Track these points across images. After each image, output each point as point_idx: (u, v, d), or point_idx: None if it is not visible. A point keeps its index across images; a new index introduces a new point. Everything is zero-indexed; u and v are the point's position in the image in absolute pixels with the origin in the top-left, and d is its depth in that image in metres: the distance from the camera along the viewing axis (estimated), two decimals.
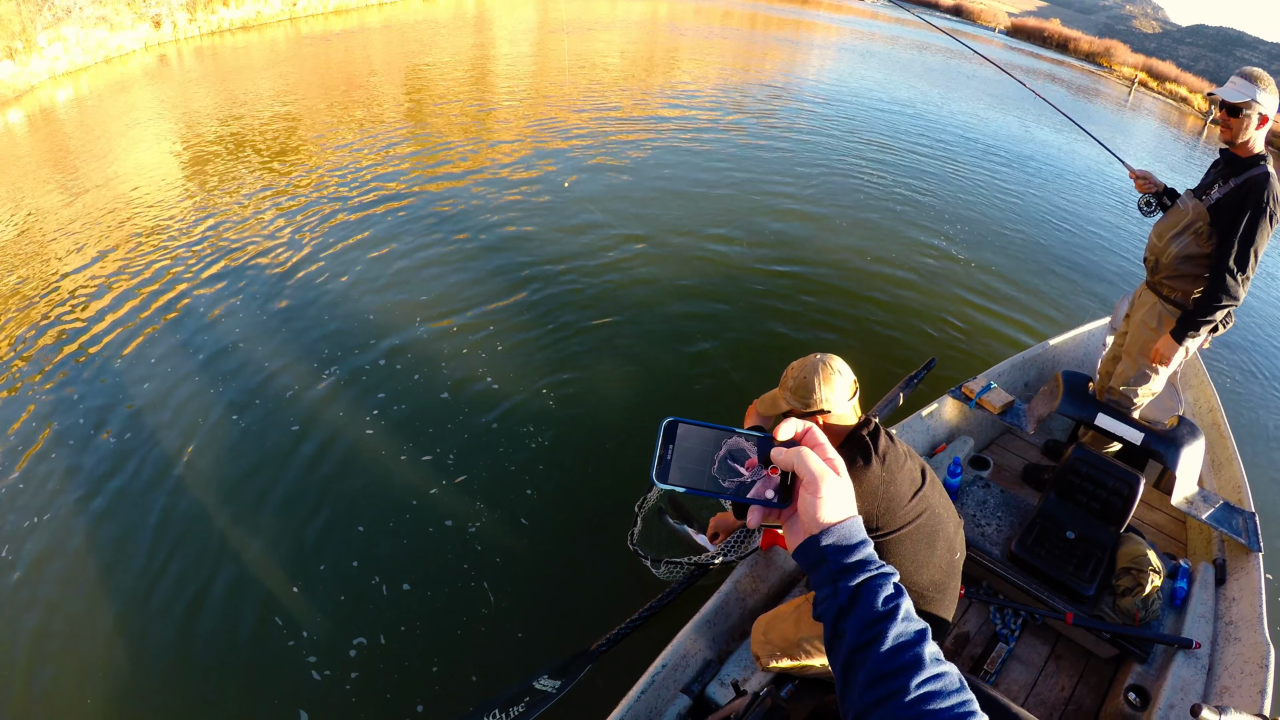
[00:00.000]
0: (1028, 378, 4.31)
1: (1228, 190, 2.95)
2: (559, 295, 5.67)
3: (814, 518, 0.72)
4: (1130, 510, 3.07)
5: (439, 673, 2.97)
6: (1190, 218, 3.09)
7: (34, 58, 11.21)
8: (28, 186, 7.25)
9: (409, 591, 3.29)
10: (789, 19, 28.92)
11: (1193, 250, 3.09)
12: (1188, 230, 3.09)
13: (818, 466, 0.73)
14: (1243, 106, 2.90)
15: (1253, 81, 2.90)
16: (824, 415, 2.00)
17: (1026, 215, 9.32)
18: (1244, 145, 2.97)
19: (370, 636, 3.07)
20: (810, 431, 0.77)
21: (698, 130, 10.58)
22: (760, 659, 2.46)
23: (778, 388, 2.11)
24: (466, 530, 3.59)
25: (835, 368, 2.01)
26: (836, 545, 0.71)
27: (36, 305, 5.11)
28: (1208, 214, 3.01)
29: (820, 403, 1.98)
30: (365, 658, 3.00)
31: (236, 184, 7.37)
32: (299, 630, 3.09)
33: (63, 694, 2.82)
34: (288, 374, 4.55)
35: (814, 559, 0.72)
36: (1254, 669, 2.51)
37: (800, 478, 0.74)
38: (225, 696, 2.86)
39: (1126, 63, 36.70)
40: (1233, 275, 2.93)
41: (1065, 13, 76.77)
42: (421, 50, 15.14)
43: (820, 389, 1.98)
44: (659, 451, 0.76)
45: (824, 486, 0.72)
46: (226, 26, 15.96)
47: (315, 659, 2.99)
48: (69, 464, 3.81)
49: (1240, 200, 2.89)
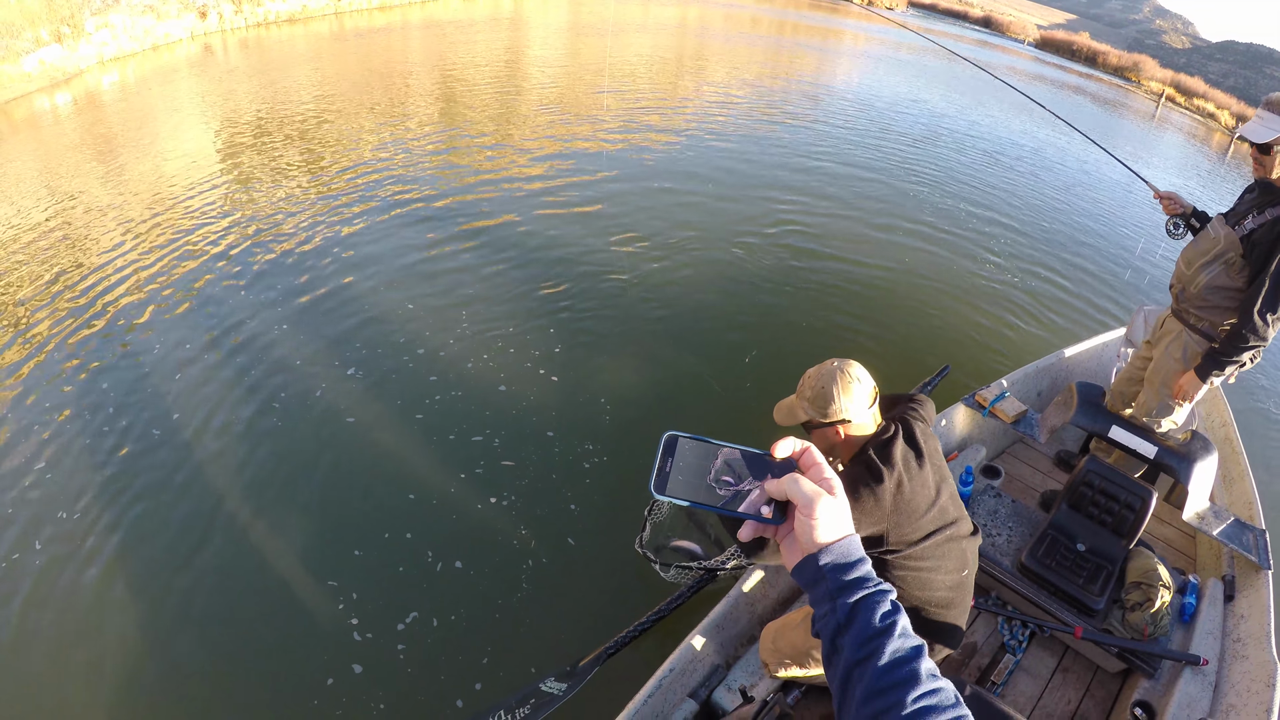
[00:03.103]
0: (1041, 387, 4.29)
1: (1263, 222, 2.80)
2: (619, 300, 5.76)
3: (811, 539, 0.74)
4: (1142, 524, 3.05)
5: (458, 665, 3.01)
6: (1222, 247, 2.96)
7: (82, 43, 11.52)
8: (70, 169, 7.45)
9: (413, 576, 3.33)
10: (817, 26, 28.87)
11: (1223, 281, 2.96)
12: (1219, 260, 2.96)
13: (810, 490, 0.74)
14: (1274, 143, 2.75)
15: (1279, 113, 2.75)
16: (844, 425, 1.96)
17: (1043, 224, 9.26)
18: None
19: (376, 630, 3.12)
20: (808, 451, 0.79)
21: (726, 133, 10.61)
22: (769, 666, 2.44)
23: (794, 395, 2.06)
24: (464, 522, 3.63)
25: (854, 375, 1.95)
26: (834, 564, 0.73)
27: (71, 292, 5.23)
28: (1240, 245, 2.88)
29: (839, 413, 1.93)
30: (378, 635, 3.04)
31: (274, 177, 7.51)
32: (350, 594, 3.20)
33: (110, 655, 2.94)
34: (328, 366, 4.68)
35: (812, 577, 0.74)
36: (1261, 687, 2.49)
37: (795, 503, 0.75)
38: (272, 649, 2.99)
39: (1155, 77, 36.26)
40: (1262, 317, 2.80)
41: (1095, 26, 76.05)
42: (459, 48, 15.31)
43: (839, 398, 1.92)
44: (658, 463, 0.79)
45: (818, 509, 0.74)
46: (272, 19, 16.19)
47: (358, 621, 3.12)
48: (128, 446, 3.92)
49: (1276, 235, 2.75)
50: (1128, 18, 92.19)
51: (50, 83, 10.61)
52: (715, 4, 30.64)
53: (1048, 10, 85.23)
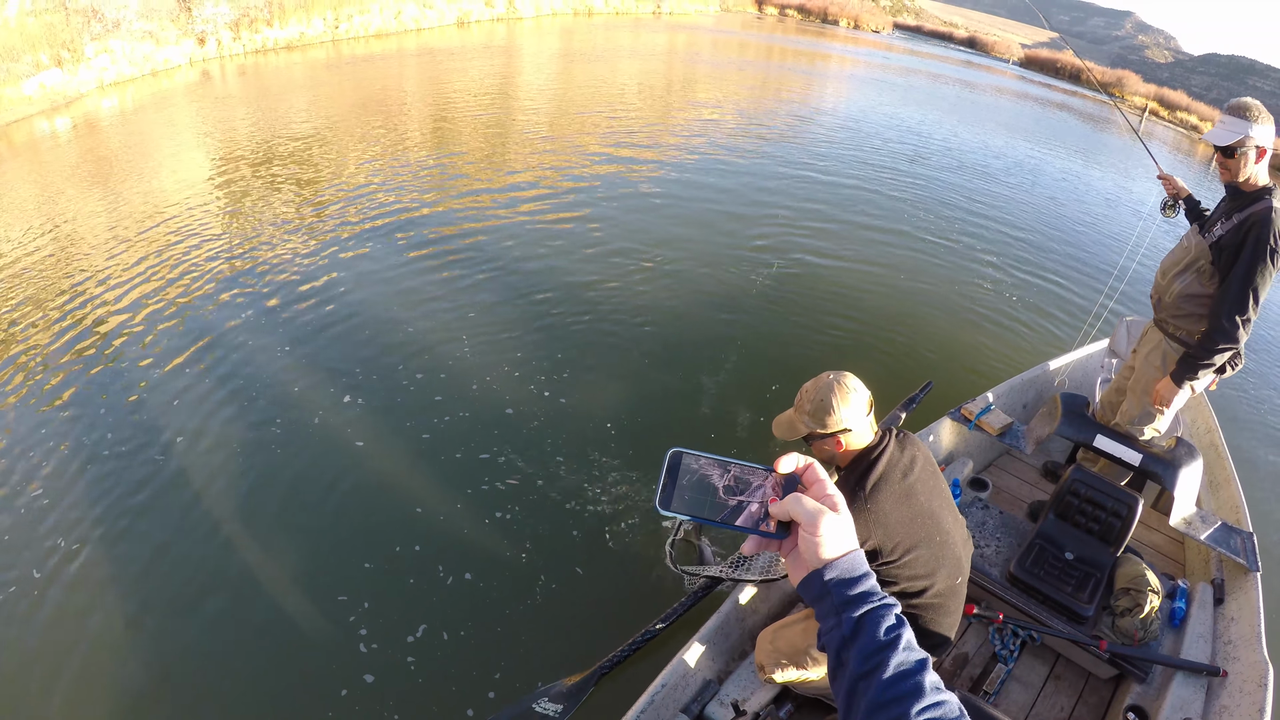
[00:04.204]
0: (1026, 399, 4.33)
1: (1230, 227, 2.85)
2: (617, 317, 5.84)
3: (815, 555, 0.75)
4: (1129, 531, 3.08)
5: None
6: (1193, 255, 3.01)
7: (82, 67, 11.73)
8: (68, 192, 7.54)
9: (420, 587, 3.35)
10: (804, 50, 29.30)
11: (1196, 289, 3.01)
12: (1190, 268, 3.02)
13: (813, 508, 0.75)
14: (1236, 146, 2.81)
15: (1242, 116, 2.80)
16: (844, 435, 1.98)
17: (1025, 238, 9.38)
18: (1246, 181, 2.86)
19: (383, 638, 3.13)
20: (811, 468, 0.80)
21: (714, 151, 10.73)
22: (764, 668, 2.46)
23: (792, 410, 2.08)
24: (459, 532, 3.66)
25: (850, 385, 1.98)
26: (839, 579, 0.74)
27: (66, 315, 5.27)
28: (1210, 252, 2.92)
29: (840, 423, 1.96)
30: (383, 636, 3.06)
31: (272, 201, 7.58)
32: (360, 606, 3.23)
33: (109, 665, 2.95)
34: (333, 387, 4.72)
35: (818, 593, 0.75)
36: (1253, 688, 2.51)
37: (799, 522, 0.76)
38: (286, 662, 3.03)
39: (1138, 92, 36.72)
40: (1230, 319, 2.82)
41: (1079, 44, 77.14)
42: (453, 75, 15.52)
43: (839, 409, 1.96)
44: (664, 480, 0.80)
45: (821, 526, 0.74)
46: (270, 46, 16.38)
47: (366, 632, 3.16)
48: (132, 464, 3.93)
49: (1241, 239, 2.79)
50: (1110, 34, 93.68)
51: (50, 106, 10.77)
52: (703, 30, 31.13)
53: (1031, 29, 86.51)
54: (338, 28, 18.42)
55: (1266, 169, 2.89)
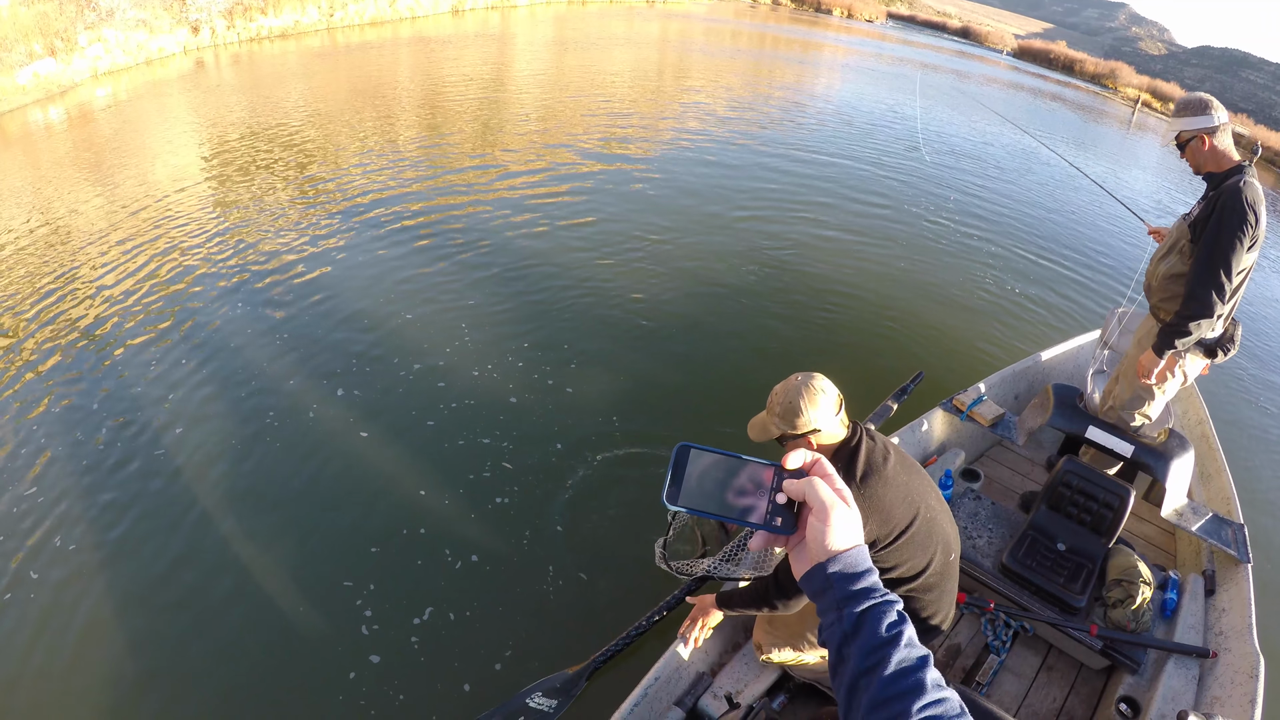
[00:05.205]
0: (1018, 390, 4.33)
1: (1205, 205, 2.98)
2: (620, 307, 5.82)
3: (822, 545, 0.75)
4: (1121, 522, 3.09)
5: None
6: (1174, 237, 3.12)
7: (75, 57, 11.60)
8: (62, 182, 7.46)
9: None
10: (797, 39, 29.22)
11: (1178, 269, 3.09)
12: (1173, 250, 3.11)
13: (828, 495, 0.76)
14: (1181, 142, 3.03)
15: (1176, 114, 3.03)
16: (814, 435, 2.02)
17: (1016, 229, 9.37)
18: (1215, 165, 3.01)
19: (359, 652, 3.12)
20: (819, 463, 0.80)
21: (705, 141, 10.69)
22: (761, 647, 2.50)
23: (765, 412, 2.12)
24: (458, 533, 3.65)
25: (819, 387, 2.02)
26: (842, 573, 0.74)
27: (60, 306, 5.21)
28: (1189, 231, 3.02)
29: (809, 424, 2.00)
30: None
31: (267, 191, 7.51)
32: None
33: (119, 656, 2.95)
34: (335, 376, 4.68)
35: (820, 585, 0.75)
36: (1244, 679, 2.52)
37: (810, 506, 0.77)
38: (297, 645, 3.05)
39: (1131, 84, 36.82)
40: (1201, 286, 2.91)
41: (1072, 35, 77.13)
42: (447, 63, 15.41)
43: (807, 410, 1.99)
44: (671, 474, 0.80)
45: (833, 515, 0.75)
46: (265, 34, 16.25)
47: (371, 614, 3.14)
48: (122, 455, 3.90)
49: (1209, 212, 2.91)
50: (1104, 25, 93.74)
51: (44, 96, 10.66)
52: (696, 19, 31.00)
53: (1025, 20, 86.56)
54: (332, 15, 18.28)
55: (1231, 147, 3.02)
